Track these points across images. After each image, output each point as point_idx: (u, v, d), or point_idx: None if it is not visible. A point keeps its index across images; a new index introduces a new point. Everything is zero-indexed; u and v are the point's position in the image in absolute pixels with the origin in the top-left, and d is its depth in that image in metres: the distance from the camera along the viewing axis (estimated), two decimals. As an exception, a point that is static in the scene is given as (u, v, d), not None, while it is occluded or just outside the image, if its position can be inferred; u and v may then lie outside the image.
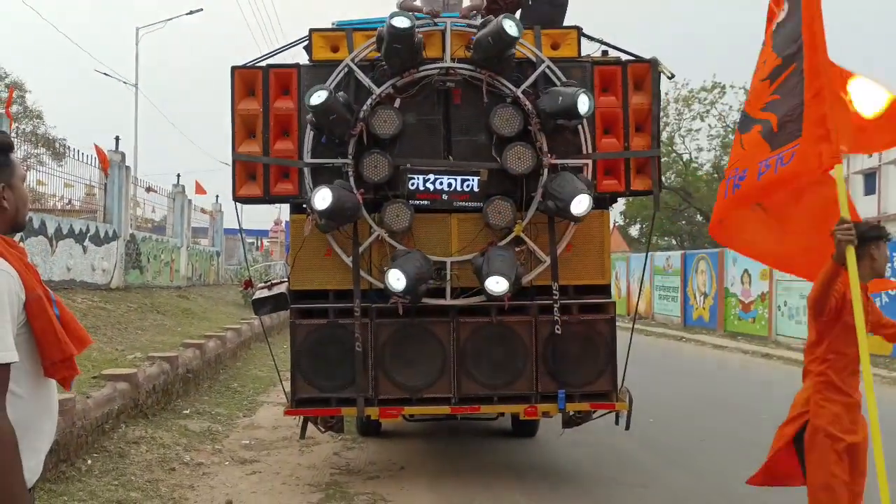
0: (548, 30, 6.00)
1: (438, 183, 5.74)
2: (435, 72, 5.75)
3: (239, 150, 5.89)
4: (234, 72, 5.87)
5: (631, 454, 7.27)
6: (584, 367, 5.92)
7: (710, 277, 23.02)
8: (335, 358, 5.84)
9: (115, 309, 12.83)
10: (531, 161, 5.65)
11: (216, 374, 10.77)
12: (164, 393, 8.21)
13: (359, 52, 5.81)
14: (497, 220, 5.67)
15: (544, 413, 6.02)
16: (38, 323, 2.10)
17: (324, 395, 5.89)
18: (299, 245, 5.87)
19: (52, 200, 15.66)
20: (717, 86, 37.31)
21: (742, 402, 10.20)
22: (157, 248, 19.12)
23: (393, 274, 5.36)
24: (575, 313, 5.90)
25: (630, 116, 5.92)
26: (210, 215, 27.49)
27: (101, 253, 14.93)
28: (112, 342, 10.03)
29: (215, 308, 18.49)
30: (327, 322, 5.85)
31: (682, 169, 39.34)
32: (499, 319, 5.86)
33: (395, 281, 5.37)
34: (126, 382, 7.15)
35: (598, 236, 5.98)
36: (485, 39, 5.48)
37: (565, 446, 7.34)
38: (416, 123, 5.86)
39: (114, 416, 6.74)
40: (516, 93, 5.70)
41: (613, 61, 6.04)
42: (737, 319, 21.29)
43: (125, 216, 16.43)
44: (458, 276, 5.82)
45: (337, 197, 5.29)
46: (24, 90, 27.44)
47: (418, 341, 5.91)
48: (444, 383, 5.89)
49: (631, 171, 5.97)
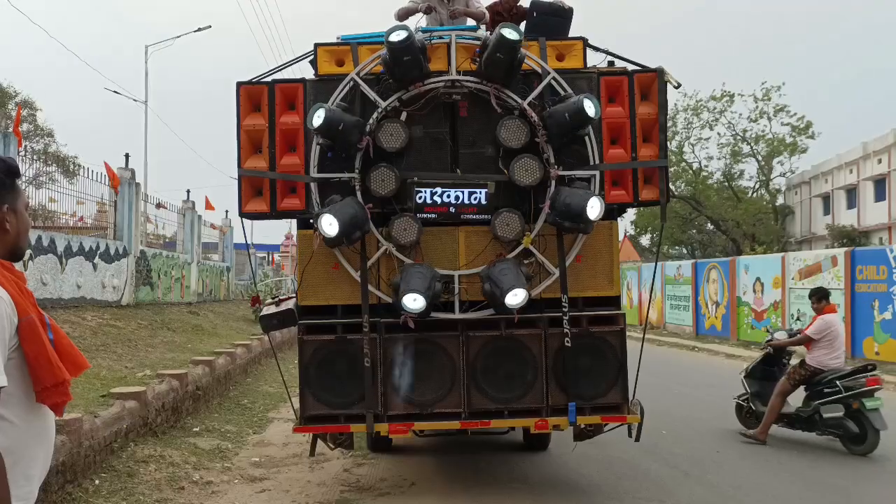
0: (553, 41, 5.97)
1: (446, 196, 5.70)
2: (441, 85, 5.73)
3: (245, 166, 5.87)
4: (240, 87, 5.86)
5: (645, 467, 7.17)
6: (595, 379, 5.85)
7: (721, 286, 22.86)
8: (344, 374, 5.79)
9: (125, 326, 12.84)
10: (538, 173, 5.61)
11: (226, 390, 10.74)
12: (174, 411, 8.19)
13: (364, 66, 5.79)
14: (505, 232, 5.63)
15: (555, 426, 5.95)
16: (31, 347, 2.08)
17: (333, 412, 5.84)
18: (307, 260, 5.84)
19: (64, 218, 15.73)
20: (725, 94, 37.26)
21: (757, 413, 10.07)
22: (168, 264, 19.17)
23: (409, 297, 5.32)
24: (584, 325, 5.84)
25: (637, 126, 5.88)
26: (220, 231, 27.58)
27: (111, 270, 14.98)
28: (121, 360, 10.02)
29: (225, 324, 18.49)
30: (335, 337, 5.81)
31: (691, 178, 39.23)
32: (508, 333, 5.80)
33: (413, 302, 5.33)
34: (135, 401, 7.13)
35: (607, 247, 5.92)
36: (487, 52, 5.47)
37: (578, 460, 7.26)
38: (422, 136, 5.83)
39: (122, 434, 6.71)
40: (522, 105, 5.67)
41: (619, 71, 6.00)
42: (749, 328, 21.11)
43: (135, 233, 16.49)
44: (466, 290, 5.77)
45: (343, 219, 5.28)
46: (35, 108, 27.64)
47: (427, 356, 5.86)
48: (454, 398, 5.83)
49: (639, 181, 5.92)
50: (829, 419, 7.97)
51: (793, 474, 7.01)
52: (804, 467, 7.28)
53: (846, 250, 17.31)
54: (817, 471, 7.12)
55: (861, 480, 6.82)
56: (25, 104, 26.17)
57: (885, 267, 15.40)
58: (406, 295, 5.32)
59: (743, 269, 21.75)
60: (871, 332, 15.71)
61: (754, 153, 38.63)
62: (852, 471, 7.14)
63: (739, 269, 21.88)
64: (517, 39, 5.33)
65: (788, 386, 8.30)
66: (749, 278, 21.28)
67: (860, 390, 7.79)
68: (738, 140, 38.41)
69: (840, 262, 16.91)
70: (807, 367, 8.23)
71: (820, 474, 6.98)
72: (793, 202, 40.29)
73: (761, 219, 37.30)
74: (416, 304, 5.33)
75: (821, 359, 8.19)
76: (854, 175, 33.72)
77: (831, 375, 8.07)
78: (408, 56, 5.40)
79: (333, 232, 5.27)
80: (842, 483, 6.66)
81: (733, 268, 22.23)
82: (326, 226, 5.27)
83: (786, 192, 41.32)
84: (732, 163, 39.49)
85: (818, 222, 36.60)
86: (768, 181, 40.07)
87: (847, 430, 7.91)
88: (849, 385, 7.88)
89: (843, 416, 7.89)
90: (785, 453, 7.83)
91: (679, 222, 40.48)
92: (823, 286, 10.00)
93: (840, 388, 7.90)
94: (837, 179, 35.33)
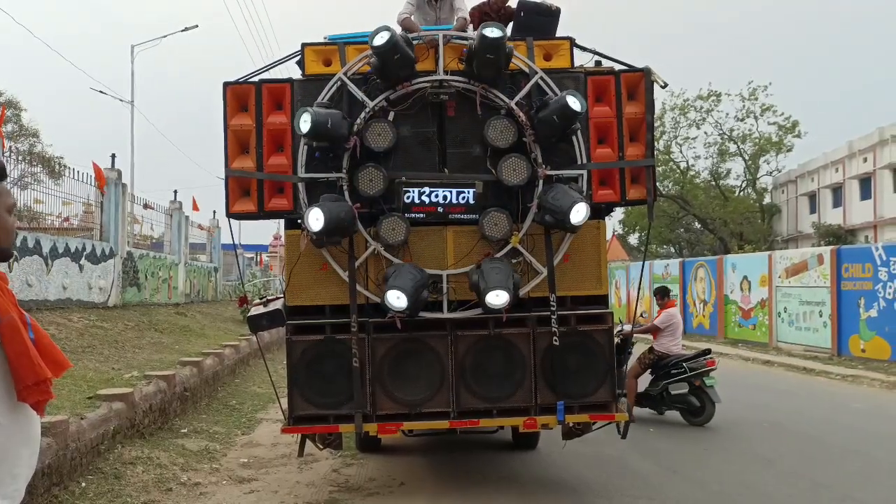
0: (540, 41, 5.99)
1: (434, 196, 5.71)
2: (428, 85, 5.73)
3: (232, 166, 5.85)
4: (227, 88, 5.84)
5: (633, 465, 7.21)
6: (583, 378, 5.87)
7: (709, 285, 22.98)
8: (332, 374, 5.78)
9: (111, 327, 12.76)
10: (526, 172, 5.63)
11: (214, 391, 10.70)
12: (161, 412, 8.14)
13: (351, 66, 5.79)
14: (493, 231, 5.64)
15: (544, 425, 5.97)
16: (11, 346, 2.08)
17: (321, 413, 5.83)
18: (295, 260, 5.83)
19: (50, 219, 15.62)
20: (712, 94, 37.46)
21: (742, 410, 10.14)
22: (155, 265, 19.07)
23: (392, 293, 5.31)
24: (573, 324, 5.86)
25: (624, 126, 5.90)
26: (208, 231, 27.46)
27: (97, 271, 14.88)
28: (108, 361, 9.96)
29: (213, 325, 18.41)
30: (324, 338, 5.80)
31: (679, 177, 39.41)
32: (497, 332, 5.81)
33: (396, 300, 5.33)
34: (122, 402, 7.09)
35: (595, 246, 5.94)
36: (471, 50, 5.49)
37: (567, 458, 7.28)
38: (410, 136, 5.83)
39: (109, 436, 6.67)
40: (510, 104, 5.68)
41: (606, 71, 6.03)
42: (737, 326, 21.24)
43: (122, 234, 16.39)
44: (454, 289, 5.77)
45: (329, 216, 5.26)
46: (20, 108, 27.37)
47: (416, 355, 5.86)
48: (442, 397, 5.84)
49: (626, 180, 5.94)
50: (675, 395, 9.37)
51: (779, 472, 7.06)
52: (793, 464, 7.32)
53: (832, 248, 17.44)
54: (805, 468, 7.17)
55: (853, 476, 6.86)
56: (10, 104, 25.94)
57: (870, 265, 15.52)
58: (389, 291, 5.32)
59: (730, 267, 21.87)
60: (856, 329, 15.83)
61: (741, 152, 38.87)
62: (838, 468, 7.19)
63: (727, 268, 22.00)
64: (499, 37, 5.34)
65: (639, 368, 9.56)
66: (736, 277, 21.39)
67: (701, 370, 9.24)
68: (724, 139, 38.66)
69: (826, 261, 17.03)
70: (655, 352, 9.60)
71: (807, 472, 7.03)
72: (779, 201, 40.58)
73: (748, 217, 37.54)
74: (400, 301, 5.32)
75: (666, 345, 9.61)
76: (840, 174, 33.99)
77: (677, 359, 9.45)
78: (397, 55, 5.41)
79: (318, 227, 5.24)
80: (829, 481, 6.70)
81: (721, 266, 22.35)
82: (313, 220, 5.24)
83: (772, 191, 41.60)
84: (719, 162, 39.74)
85: (805, 221, 36.87)
86: (755, 180, 40.35)
87: (690, 405, 9.35)
88: (692, 366, 9.30)
89: (688, 392, 9.32)
90: (771, 450, 7.87)
91: (667, 221, 40.66)
92: (666, 286, 11.20)
93: (686, 369, 9.29)
94: (823, 178, 35.60)
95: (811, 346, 17.36)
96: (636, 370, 9.49)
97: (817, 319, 17.33)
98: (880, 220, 30.47)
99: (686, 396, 9.33)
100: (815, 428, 9.23)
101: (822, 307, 17.08)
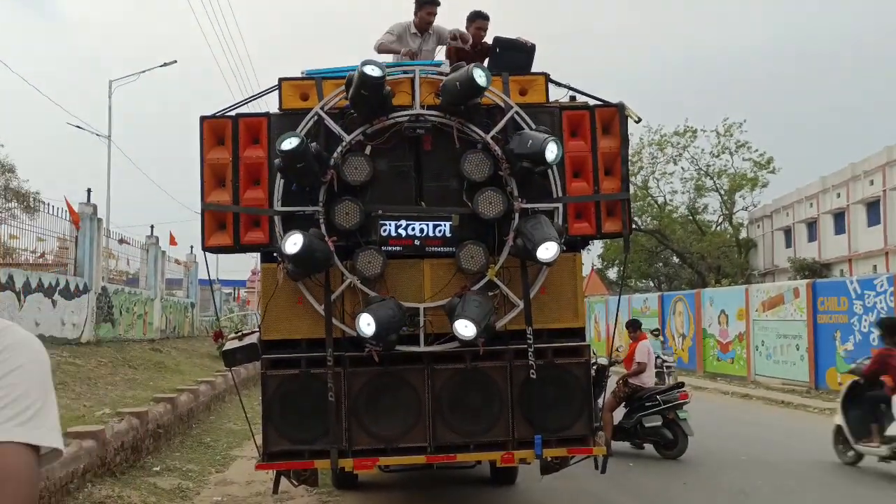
0: (516, 76, 6.06)
1: (410, 228, 5.71)
2: (405, 119, 5.77)
3: (209, 200, 5.82)
4: (203, 122, 5.83)
5: (613, 500, 7.15)
6: (560, 411, 5.83)
7: (687, 318, 23.10)
8: (308, 409, 5.69)
9: (84, 364, 12.54)
10: (502, 205, 5.64)
11: (188, 428, 10.51)
12: (133, 450, 7.98)
13: (328, 100, 5.81)
14: (470, 264, 5.63)
15: (521, 460, 5.90)
16: None
17: (296, 448, 5.74)
18: (270, 294, 5.78)
19: (25, 254, 15.42)
20: (688, 130, 38.05)
21: (721, 443, 10.13)
22: (130, 300, 18.84)
23: (363, 318, 5.27)
24: (550, 357, 5.84)
25: (599, 160, 5.95)
26: (185, 266, 27.22)
27: (71, 307, 14.67)
28: (80, 398, 9.77)
29: (189, 361, 18.15)
30: (299, 372, 5.72)
31: (657, 212, 39.80)
32: (473, 365, 5.77)
33: (366, 326, 5.28)
34: (92, 440, 6.93)
35: (571, 279, 5.95)
36: (452, 85, 5.52)
37: (545, 493, 7.21)
38: (387, 170, 5.84)
39: (79, 475, 6.51)
40: (486, 138, 5.72)
41: (581, 106, 6.10)
42: (716, 360, 21.31)
43: (97, 269, 16.21)
44: (431, 323, 5.74)
45: (308, 242, 5.23)
46: (-4, 144, 27.15)
47: (393, 390, 5.80)
48: (419, 432, 5.76)
49: (602, 213, 5.98)
50: (649, 428, 9.33)
51: (759, 505, 7.04)
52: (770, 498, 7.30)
53: (808, 282, 17.64)
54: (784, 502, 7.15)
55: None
56: (-14, 139, 25.72)
57: (845, 298, 15.70)
58: (362, 315, 5.27)
59: (708, 301, 22.01)
60: (833, 362, 15.94)
61: (717, 187, 39.39)
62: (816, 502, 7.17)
63: (704, 302, 22.14)
64: (485, 87, 5.41)
65: (614, 402, 9.53)
66: (714, 310, 21.53)
67: (675, 403, 9.26)
68: (701, 175, 39.19)
69: (802, 294, 17.20)
70: (630, 385, 9.58)
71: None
72: (755, 235, 41.05)
73: (725, 252, 37.90)
74: (369, 328, 5.26)
75: (641, 377, 9.61)
76: (814, 209, 34.48)
77: (651, 391, 9.50)
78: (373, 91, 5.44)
79: (295, 251, 5.18)
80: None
81: (699, 300, 22.49)
82: (290, 245, 5.19)
83: (748, 226, 42.09)
84: (696, 197, 40.22)
85: (780, 255, 37.28)
86: (731, 215, 40.83)
87: (663, 437, 9.35)
88: (666, 399, 9.32)
89: (661, 425, 9.31)
90: (748, 484, 7.85)
91: (646, 255, 40.97)
92: (637, 319, 11.37)
93: (660, 402, 9.30)
94: (798, 213, 36.11)
95: (789, 380, 17.43)
96: (612, 403, 9.45)
97: (794, 353, 17.43)
98: (854, 254, 30.87)
99: (660, 429, 9.35)
100: (793, 461, 9.23)
101: (800, 340, 17.20)
